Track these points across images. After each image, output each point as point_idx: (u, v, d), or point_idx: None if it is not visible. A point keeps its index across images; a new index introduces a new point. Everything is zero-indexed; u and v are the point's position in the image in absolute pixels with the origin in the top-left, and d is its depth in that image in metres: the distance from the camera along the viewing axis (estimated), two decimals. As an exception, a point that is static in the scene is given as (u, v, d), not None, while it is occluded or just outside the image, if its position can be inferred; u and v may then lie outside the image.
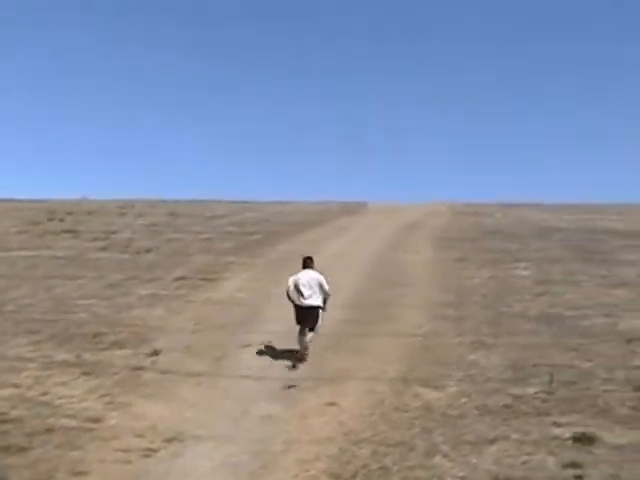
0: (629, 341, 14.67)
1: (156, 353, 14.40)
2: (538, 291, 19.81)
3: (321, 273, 15.23)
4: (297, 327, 14.49)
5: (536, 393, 11.82)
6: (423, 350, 14.58)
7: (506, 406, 11.32)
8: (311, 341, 14.46)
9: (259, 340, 15.36)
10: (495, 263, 24.55)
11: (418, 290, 20.44)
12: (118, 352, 14.56)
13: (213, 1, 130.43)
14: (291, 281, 14.87)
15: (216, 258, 26.15)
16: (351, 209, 47.14)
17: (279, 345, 14.98)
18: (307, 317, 14.48)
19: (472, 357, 14.02)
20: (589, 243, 28.84)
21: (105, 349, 14.75)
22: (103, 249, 28.26)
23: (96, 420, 10.93)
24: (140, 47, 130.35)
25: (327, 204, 50.20)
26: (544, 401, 11.45)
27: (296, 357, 14.20)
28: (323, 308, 14.76)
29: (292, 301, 14.67)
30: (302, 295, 14.50)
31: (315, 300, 14.58)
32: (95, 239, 30.91)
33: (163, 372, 13.34)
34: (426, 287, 20.89)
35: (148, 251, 27.59)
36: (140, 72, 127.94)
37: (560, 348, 14.39)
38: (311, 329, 14.53)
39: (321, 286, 14.73)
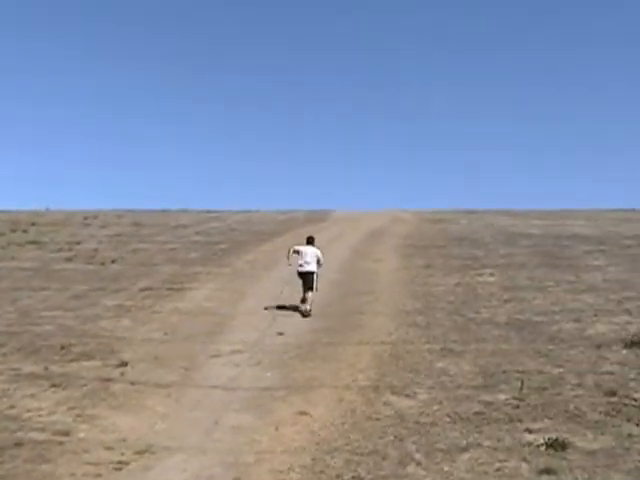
0: (598, 346, 14.74)
1: (124, 364, 14.26)
2: (506, 297, 19.89)
3: (319, 248, 20.33)
4: (301, 285, 19.33)
5: (507, 399, 11.83)
6: (393, 358, 14.55)
7: (477, 413, 11.31)
8: (313, 300, 19.04)
9: (228, 350, 15.28)
10: (462, 270, 24.62)
11: (386, 298, 20.44)
12: (86, 363, 14.39)
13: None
14: (295, 247, 20.22)
15: (182, 268, 26.03)
16: (316, 217, 47.11)
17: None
18: (305, 279, 19.28)
19: (442, 364, 14.02)
20: (556, 249, 29.03)
21: (73, 361, 14.57)
22: (68, 260, 28.03)
23: (65, 433, 10.76)
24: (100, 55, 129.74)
25: (292, 212, 50.16)
26: (515, 407, 11.45)
27: (302, 308, 19.00)
28: (317, 273, 19.51)
29: (292, 264, 19.79)
30: (301, 264, 19.45)
31: (311, 267, 19.43)
32: (60, 250, 30.67)
33: (132, 383, 13.19)
34: (394, 295, 20.90)
35: (113, 262, 27.41)
36: (103, 78, 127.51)
37: (530, 354, 14.43)
38: (310, 288, 19.08)
39: (317, 258, 19.71)
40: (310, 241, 20.55)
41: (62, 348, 15.37)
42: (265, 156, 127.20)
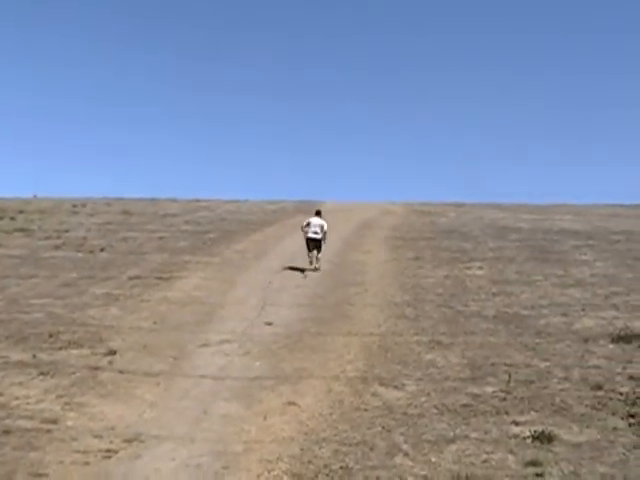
0: (585, 340, 14.86)
1: (113, 353, 14.27)
2: (494, 290, 19.99)
3: (324, 220, 24.70)
4: (308, 252, 24.08)
5: (494, 392, 11.92)
6: (381, 349, 14.63)
7: (465, 405, 11.40)
8: (318, 259, 24.06)
9: (217, 339, 15.31)
10: (451, 263, 24.69)
11: (375, 289, 20.51)
12: (74, 352, 14.40)
13: None
14: (306, 221, 24.71)
15: (171, 257, 26.01)
16: (306, 208, 47.06)
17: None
18: (314, 245, 24.06)
19: (430, 356, 14.10)
20: (545, 243, 29.11)
21: (61, 349, 14.57)
22: (57, 248, 27.94)
23: (54, 421, 10.79)
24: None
25: (282, 203, 50.12)
26: (502, 400, 11.55)
27: (309, 269, 23.73)
28: (323, 240, 24.17)
29: (304, 233, 24.37)
30: (310, 232, 24.06)
31: (318, 235, 24.06)
32: (48, 238, 30.57)
33: (121, 372, 13.22)
34: (383, 287, 20.96)
35: (102, 250, 27.36)
36: (90, 66, 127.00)
37: (517, 347, 14.54)
38: (318, 250, 24.04)
39: (322, 228, 24.19)
40: (318, 213, 25.26)
41: (50, 336, 15.37)
42: (256, 146, 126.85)
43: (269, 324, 16.61)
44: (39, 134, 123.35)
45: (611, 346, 14.53)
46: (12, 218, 37.15)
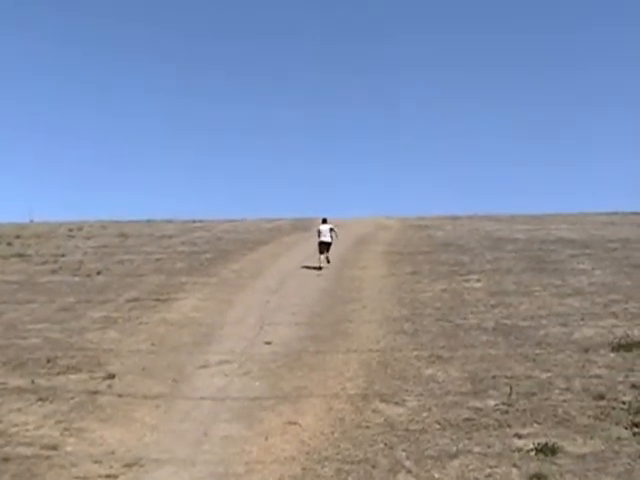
0: (586, 350, 14.78)
1: (112, 376, 14.19)
2: (493, 302, 19.91)
3: (331, 224, 29.38)
4: (318, 253, 28.29)
5: (496, 405, 11.84)
6: (381, 365, 14.55)
7: (467, 419, 11.32)
8: (328, 259, 28.31)
9: (216, 360, 15.23)
10: (448, 276, 24.63)
11: (373, 305, 20.42)
12: (73, 376, 14.31)
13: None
14: (317, 228, 29.60)
15: (168, 278, 25.93)
16: (302, 225, 47.09)
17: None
18: (324, 247, 28.42)
19: (430, 371, 14.03)
20: (542, 253, 29.06)
21: (60, 374, 14.48)
22: (54, 272, 27.87)
23: (53, 447, 10.71)
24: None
25: (278, 221, 50.10)
26: (504, 413, 11.47)
27: (318, 267, 27.65)
28: (336, 236, 29.22)
29: (318, 237, 28.83)
30: (321, 236, 28.65)
31: (328, 239, 28.65)
32: (45, 262, 30.51)
33: (120, 395, 13.13)
34: (381, 302, 20.88)
35: (99, 273, 27.29)
36: (87, 83, 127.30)
37: (518, 359, 14.46)
38: (327, 250, 28.42)
39: (332, 230, 28.94)
40: (324, 221, 29.78)
41: (49, 361, 15.28)
42: (250, 164, 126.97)
43: (268, 343, 16.53)
44: (34, 159, 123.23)
45: (612, 355, 14.46)
46: (9, 243, 37.09)
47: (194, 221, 50.29)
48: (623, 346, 14.79)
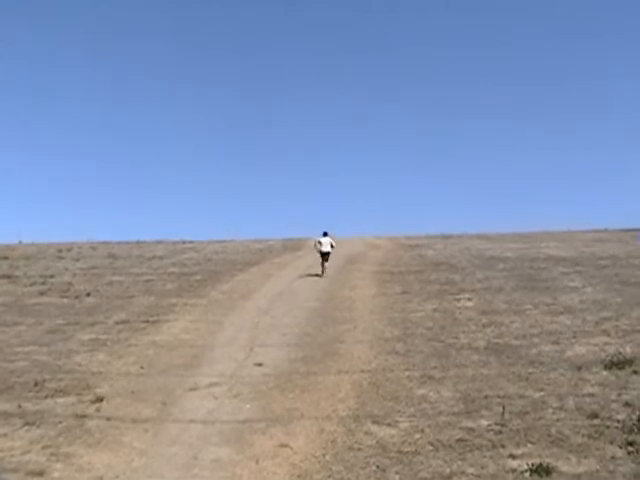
0: (578, 368, 14.72)
1: (100, 399, 13.97)
2: (484, 321, 19.87)
3: (331, 237, 32.70)
4: (321, 262, 32.01)
5: (489, 425, 11.71)
6: (373, 386, 14.42)
7: (460, 440, 11.18)
8: (326, 267, 31.85)
9: (206, 382, 15.06)
10: (439, 295, 24.62)
11: (364, 326, 20.34)
12: (61, 400, 14.09)
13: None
14: (317, 240, 32.85)
15: (158, 300, 25.81)
16: (292, 246, 47.09)
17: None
18: (325, 256, 32.05)
19: (422, 391, 13.90)
20: (532, 271, 29.14)
21: (47, 397, 14.25)
22: (42, 294, 27.72)
23: (40, 473, 10.47)
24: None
25: (268, 241, 50.08)
26: (498, 433, 11.34)
27: (320, 274, 31.46)
28: (331, 252, 32.28)
29: (317, 250, 32.50)
30: (322, 247, 32.17)
31: (328, 249, 32.22)
32: (33, 284, 30.36)
33: (108, 419, 12.91)
34: (372, 322, 20.80)
35: (88, 295, 27.14)
36: (72, 110, 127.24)
37: (510, 378, 14.37)
38: (326, 261, 32.06)
39: (331, 243, 32.44)
40: (325, 234, 32.76)
41: (36, 384, 15.07)
42: (238, 185, 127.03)
43: (259, 365, 16.37)
44: (23, 180, 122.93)
45: (604, 373, 14.39)
46: (-3, 265, 36.96)
47: (184, 242, 50.22)
48: (615, 364, 14.71)
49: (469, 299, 23.55)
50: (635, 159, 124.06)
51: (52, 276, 32.64)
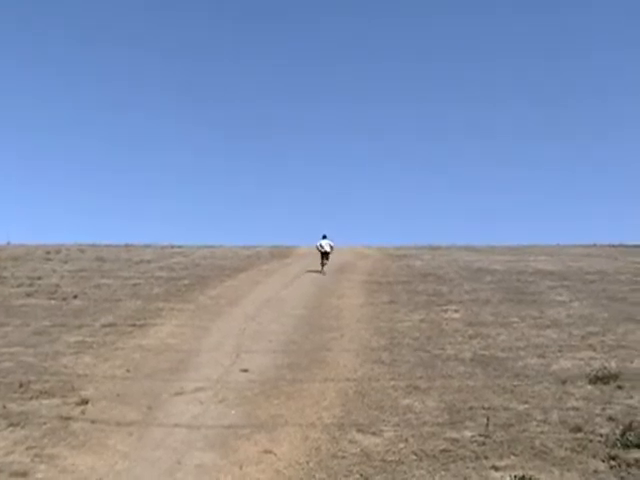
0: (563, 382, 14.76)
1: (85, 402, 13.94)
2: (471, 333, 19.91)
3: (329, 239, 37.20)
4: (321, 261, 36.26)
5: (473, 436, 11.74)
6: (358, 395, 14.43)
7: (444, 450, 11.20)
8: (325, 267, 35.99)
9: (192, 387, 15.05)
10: (426, 306, 24.65)
11: (351, 334, 20.36)
12: (46, 402, 14.05)
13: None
14: (319, 242, 36.86)
15: (145, 304, 25.76)
16: (281, 253, 47.09)
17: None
18: (324, 256, 36.27)
19: (407, 401, 13.92)
20: (520, 284, 29.21)
21: (32, 399, 14.21)
22: (29, 295, 27.60)
23: (23, 474, 10.45)
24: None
25: (257, 248, 50.06)
26: (481, 444, 11.36)
27: (320, 271, 35.55)
28: (330, 252, 36.64)
29: (318, 250, 36.68)
30: (322, 247, 36.41)
31: (327, 249, 36.47)
32: (20, 285, 30.24)
33: (93, 422, 12.89)
34: (359, 331, 20.82)
35: (75, 297, 27.05)
36: (58, 113, 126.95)
37: (495, 390, 14.41)
38: (326, 260, 36.30)
39: (330, 244, 36.66)
40: (324, 236, 37.09)
41: (21, 386, 15.02)
42: (229, 192, 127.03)
43: (244, 371, 16.37)
44: (12, 181, 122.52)
45: (589, 387, 14.44)
46: (-16, 266, 36.81)
47: (172, 246, 50.17)
48: (600, 378, 14.77)
49: (456, 310, 23.60)
50: (624, 176, 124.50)
51: (39, 278, 32.52)
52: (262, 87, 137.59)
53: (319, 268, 36.13)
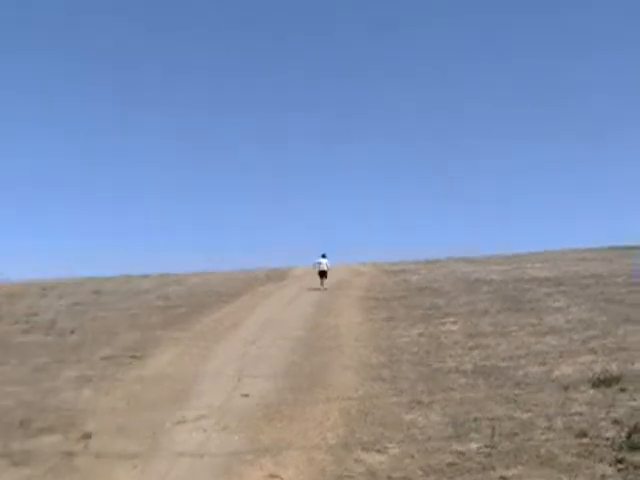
0: (565, 388, 14.73)
1: (87, 436, 13.86)
2: (470, 344, 19.88)
3: (327, 259, 39.52)
4: (320, 279, 38.41)
5: (479, 448, 11.69)
6: (361, 413, 14.37)
7: (450, 464, 11.14)
8: (324, 283, 38.08)
9: (194, 415, 14.95)
10: (424, 320, 24.66)
11: (350, 353, 20.33)
12: (47, 438, 13.96)
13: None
14: (317, 262, 39.47)
15: (144, 334, 25.69)
16: (277, 275, 47.10)
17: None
18: (323, 274, 38.49)
19: (411, 416, 13.87)
20: (517, 293, 29.23)
21: (34, 436, 14.11)
22: (26, 332, 27.53)
23: (28, 513, 10.43)
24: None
25: (252, 271, 50.07)
26: (487, 455, 11.31)
27: (320, 287, 37.47)
28: (327, 270, 38.81)
29: (317, 269, 38.94)
30: (320, 266, 38.86)
31: (325, 267, 38.80)
32: (17, 322, 30.16)
33: (96, 456, 12.81)
34: (358, 349, 20.79)
35: (72, 332, 26.97)
36: (55, 146, 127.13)
37: (498, 400, 14.36)
38: (324, 278, 38.37)
39: (327, 264, 38.88)
40: (324, 255, 39.79)
41: (22, 424, 14.91)
42: (221, 215, 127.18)
43: (246, 396, 16.30)
44: (6, 216, 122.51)
45: (592, 391, 14.40)
46: (-21, 305, 36.76)
47: (168, 275, 50.23)
48: (603, 382, 14.73)
49: (454, 323, 23.60)
50: (616, 178, 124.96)
51: (36, 314, 32.48)
52: (264, 102, 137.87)
53: (317, 286, 38.50)
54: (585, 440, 11.60)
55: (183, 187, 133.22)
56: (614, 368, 15.94)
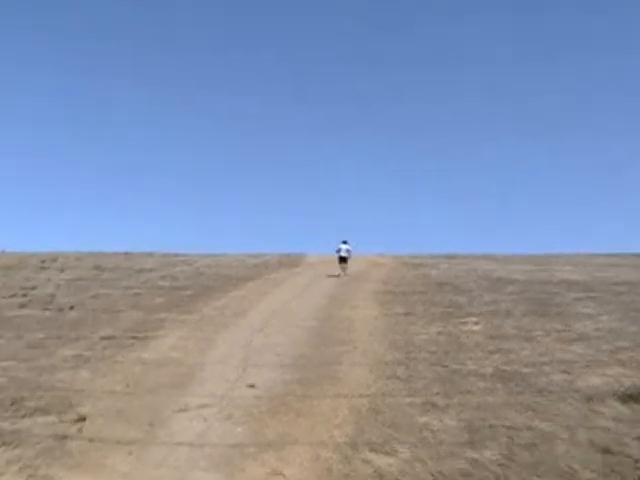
0: (589, 399, 14.66)
1: (82, 419, 13.91)
2: (491, 347, 19.80)
3: (349, 244, 42.38)
4: (339, 265, 41.54)
5: (494, 457, 11.65)
6: (372, 412, 14.36)
7: (463, 472, 11.13)
8: (345, 269, 41.28)
9: (195, 403, 15.00)
10: (444, 318, 24.57)
11: (364, 348, 20.28)
12: (40, 419, 14.02)
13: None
14: (337, 248, 41.89)
15: (146, 315, 25.76)
16: (290, 261, 47.09)
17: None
18: (343, 260, 41.43)
19: (424, 419, 13.84)
20: (543, 295, 29.07)
21: (26, 416, 14.18)
22: (22, 306, 27.64)
23: (16, 495, 10.50)
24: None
25: (264, 256, 50.06)
26: (503, 465, 11.28)
27: (340, 275, 40.38)
28: (349, 257, 41.72)
29: (337, 253, 41.99)
30: (340, 252, 41.71)
31: (346, 254, 41.75)
32: (13, 295, 30.27)
33: (91, 440, 12.86)
34: (372, 344, 20.75)
35: (72, 308, 27.08)
36: (56, 116, 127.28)
37: (517, 408, 14.31)
38: (345, 264, 41.35)
39: (348, 250, 41.72)
40: (345, 242, 42.32)
41: (14, 403, 14.98)
42: (238, 199, 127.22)
43: (251, 386, 16.33)
44: (7, 187, 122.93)
45: (618, 405, 14.30)
46: (-25, 275, 36.94)
47: (176, 255, 50.23)
48: (631, 396, 14.63)
49: (476, 323, 23.52)
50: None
51: (34, 287, 32.60)
52: (271, 89, 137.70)
53: (332, 275, 41.14)
54: (608, 456, 11.54)
55: (197, 171, 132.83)
56: (644, 383, 15.87)
